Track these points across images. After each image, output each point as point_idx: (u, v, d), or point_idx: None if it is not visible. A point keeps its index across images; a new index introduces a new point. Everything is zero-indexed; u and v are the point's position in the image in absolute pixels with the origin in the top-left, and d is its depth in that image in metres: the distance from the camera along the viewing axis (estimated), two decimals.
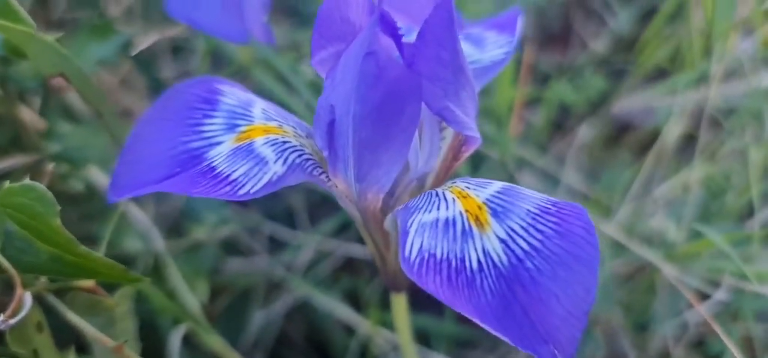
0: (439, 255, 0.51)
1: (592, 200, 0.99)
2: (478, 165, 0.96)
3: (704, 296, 0.88)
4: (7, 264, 0.58)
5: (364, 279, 1.00)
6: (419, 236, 0.51)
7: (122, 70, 0.98)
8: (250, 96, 0.61)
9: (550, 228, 0.52)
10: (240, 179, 0.55)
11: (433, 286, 0.50)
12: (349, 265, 1.02)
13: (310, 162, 0.58)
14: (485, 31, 0.67)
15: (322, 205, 1.04)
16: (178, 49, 1.00)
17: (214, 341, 0.79)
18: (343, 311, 0.94)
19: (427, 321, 0.94)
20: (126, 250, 0.80)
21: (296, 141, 0.58)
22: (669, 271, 0.85)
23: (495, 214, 0.53)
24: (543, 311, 0.50)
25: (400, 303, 0.71)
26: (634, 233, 0.89)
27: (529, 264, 0.51)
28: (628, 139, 1.13)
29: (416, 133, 0.57)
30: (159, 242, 0.80)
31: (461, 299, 0.50)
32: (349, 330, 0.96)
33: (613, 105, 1.14)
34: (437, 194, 0.54)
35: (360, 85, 0.51)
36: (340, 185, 0.57)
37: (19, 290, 0.58)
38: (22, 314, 0.57)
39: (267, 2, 0.70)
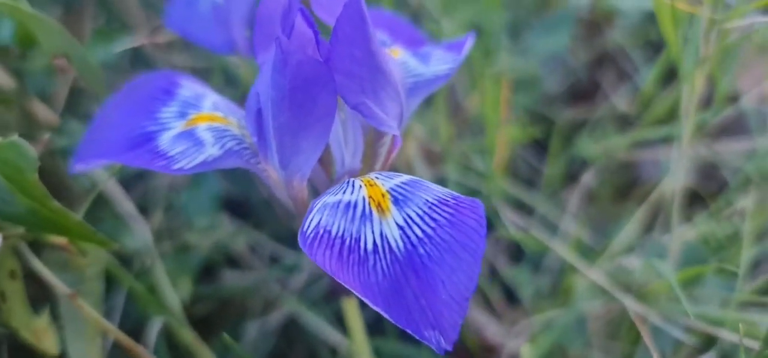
0: (333, 232, 0.56)
1: (586, 246, 1.02)
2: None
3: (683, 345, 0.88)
4: None
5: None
6: (319, 214, 0.57)
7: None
8: (206, 91, 0.69)
9: (444, 217, 0.57)
10: (176, 157, 0.62)
11: (321, 259, 0.55)
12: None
13: (247, 151, 0.65)
14: (434, 49, 0.73)
15: None
16: (196, 70, 1.10)
17: (188, 335, 0.85)
18: (330, 333, 0.99)
19: (407, 350, 0.98)
20: (122, 248, 0.89)
21: (238, 131, 0.65)
22: (641, 312, 0.86)
23: (396, 202, 0.58)
24: (432, 297, 0.55)
25: (351, 307, 0.76)
26: (618, 280, 0.91)
27: (421, 250, 0.56)
28: (636, 191, 1.15)
29: (341, 130, 0.64)
30: (148, 239, 0.87)
31: (349, 276, 0.55)
32: (335, 352, 1.00)
33: (623, 157, 1.16)
34: (348, 182, 0.60)
35: (273, 72, 0.58)
36: (271, 173, 0.64)
37: None
38: None
39: (247, 18, 0.79)
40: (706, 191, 1.11)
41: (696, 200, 1.09)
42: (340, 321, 1.02)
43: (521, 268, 1.06)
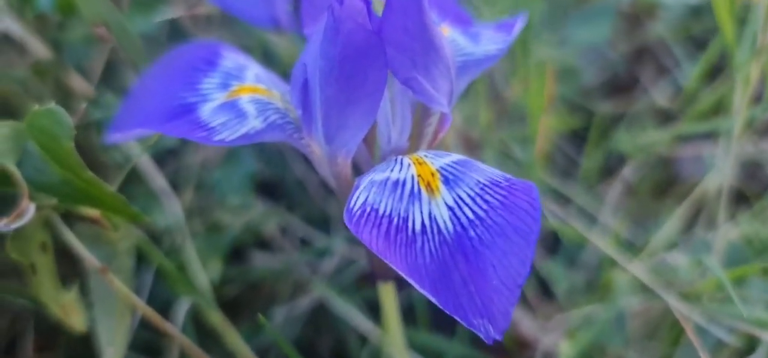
0: (381, 210, 0.53)
1: (625, 241, 0.98)
2: None
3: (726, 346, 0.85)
4: (18, 176, 0.64)
5: None
6: (366, 191, 0.54)
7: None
8: (249, 62, 0.66)
9: (496, 199, 0.54)
10: (218, 128, 0.60)
11: (368, 237, 0.52)
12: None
13: (290, 125, 0.62)
14: (483, 28, 0.70)
15: None
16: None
17: (216, 317, 0.83)
18: (360, 321, 0.96)
19: (439, 341, 0.95)
20: (154, 225, 0.87)
21: (281, 104, 0.63)
22: (684, 311, 0.83)
23: (446, 181, 0.55)
24: (482, 282, 0.52)
25: (387, 293, 0.74)
26: (660, 277, 0.88)
27: (471, 233, 0.53)
28: (677, 188, 1.12)
29: (389, 106, 0.61)
30: (179, 217, 0.85)
31: (396, 256, 0.52)
32: (364, 340, 0.98)
33: (663, 152, 1.13)
34: (396, 159, 0.57)
35: (323, 41, 0.55)
36: (315, 148, 0.61)
37: (24, 200, 0.64)
38: (24, 220, 0.63)
39: None
40: (750, 189, 1.07)
41: (739, 198, 1.06)
42: (370, 308, 1.00)
43: (556, 261, 1.03)
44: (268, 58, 0.97)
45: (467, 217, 0.53)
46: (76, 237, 0.69)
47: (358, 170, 0.63)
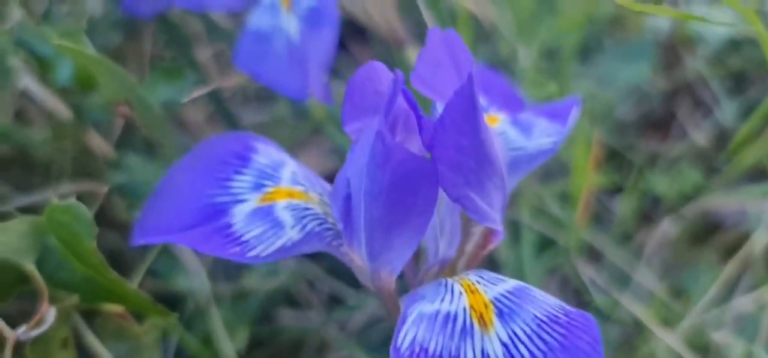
0: (431, 350, 0.48)
1: (660, 302, 0.93)
2: (542, 249, 0.92)
3: None
4: (38, 277, 0.60)
5: None
6: (415, 326, 0.49)
7: (209, 107, 1.01)
8: (283, 157, 0.61)
9: (555, 339, 0.49)
10: (252, 241, 0.55)
11: None
12: None
13: (330, 232, 0.57)
14: (536, 117, 0.65)
15: None
16: (262, 96, 1.02)
17: None
18: None
19: None
20: (175, 287, 0.82)
21: (320, 209, 0.58)
22: None
23: (501, 314, 0.50)
24: None
25: None
26: (698, 346, 0.83)
27: None
28: (716, 240, 1.06)
29: (437, 221, 0.56)
30: (204, 284, 0.81)
31: None
32: None
33: (704, 201, 1.07)
34: (445, 285, 0.52)
35: (370, 164, 0.50)
36: (357, 260, 0.56)
37: (44, 304, 0.60)
38: (44, 327, 0.59)
39: (329, 63, 0.71)
40: None
41: None
42: None
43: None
44: (297, 112, 0.91)
45: (523, 356, 0.49)
46: (98, 333, 0.65)
47: (401, 279, 0.58)
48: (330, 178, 1.10)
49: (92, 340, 0.64)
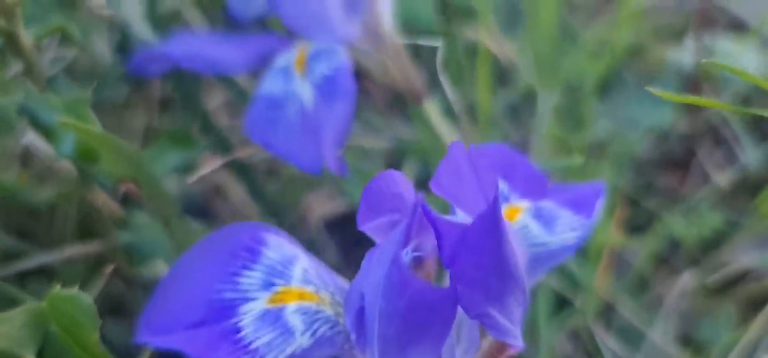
0: None
1: None
2: (560, 307, 0.89)
3: None
4: None
5: None
6: None
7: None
8: (295, 251, 0.58)
9: None
10: (261, 349, 0.52)
11: None
12: None
13: (341, 336, 0.54)
14: (559, 207, 0.61)
15: None
16: None
17: None
18: None
19: None
20: None
21: (331, 310, 0.55)
22: None
23: None
24: None
25: None
26: None
27: None
28: (739, 292, 1.02)
29: (454, 333, 0.53)
30: None
31: None
32: None
33: (726, 250, 1.04)
34: None
35: (387, 287, 0.46)
36: None
37: None
38: None
39: (344, 136, 0.67)
40: None
41: None
42: None
43: None
44: None
45: None
46: None
47: None
48: (337, 220, 1.08)
49: None
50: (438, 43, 0.69)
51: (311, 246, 1.02)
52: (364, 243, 1.11)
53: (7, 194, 0.76)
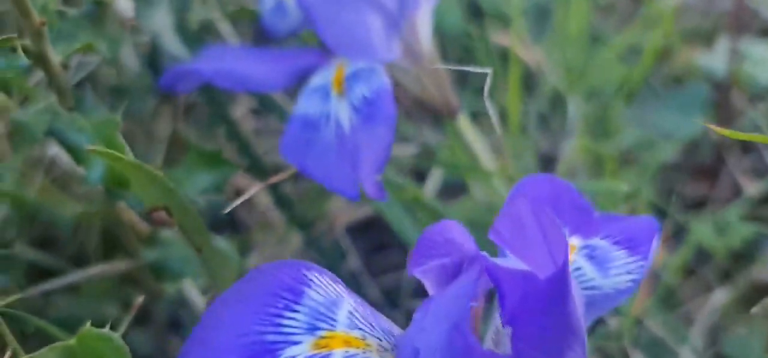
0: None
1: None
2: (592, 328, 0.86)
3: None
4: None
5: None
6: None
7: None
8: (339, 292, 0.54)
9: None
10: None
11: None
12: None
13: None
14: (613, 248, 0.58)
15: None
16: None
17: None
18: None
19: None
20: None
21: (377, 357, 0.51)
22: None
23: None
24: None
25: None
26: None
27: None
28: None
29: None
30: None
31: None
32: None
33: (757, 262, 1.00)
34: None
35: (448, 351, 0.43)
36: None
37: None
38: None
39: (383, 161, 0.64)
40: None
41: None
42: None
43: None
44: None
45: None
46: None
47: None
48: (360, 225, 1.05)
49: None
50: (487, 70, 0.65)
51: (335, 251, 1.00)
52: (386, 249, 1.08)
53: (31, 210, 0.72)
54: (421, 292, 0.99)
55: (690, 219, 1.05)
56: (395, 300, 0.99)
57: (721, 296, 0.96)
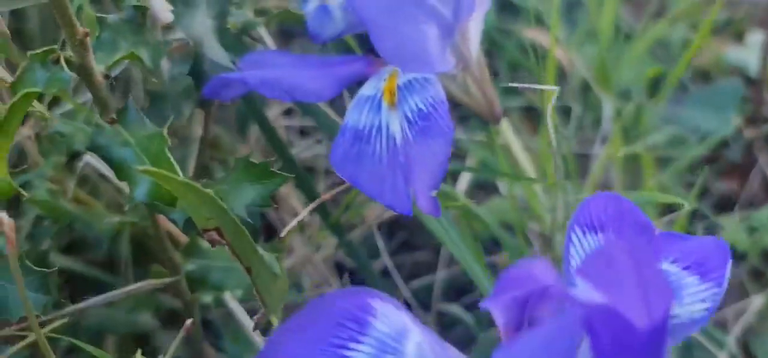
0: None
1: None
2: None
3: None
4: None
5: None
6: None
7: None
8: (405, 322, 0.52)
9: None
10: None
11: None
12: None
13: None
14: (684, 274, 0.55)
15: None
16: None
17: None
18: None
19: None
20: None
21: None
22: None
23: None
24: None
25: None
26: None
27: None
28: None
29: None
30: None
31: None
32: None
33: None
34: None
35: None
36: None
37: None
38: None
39: (440, 178, 0.61)
40: None
41: None
42: None
43: None
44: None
45: None
46: None
47: None
48: (389, 222, 1.02)
49: None
50: (554, 88, 0.62)
51: (367, 251, 0.97)
52: (413, 247, 1.04)
53: (65, 220, 0.69)
54: (452, 295, 0.97)
55: (720, 218, 1.03)
56: (427, 302, 0.97)
57: (757, 302, 0.94)
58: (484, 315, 0.93)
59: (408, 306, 0.95)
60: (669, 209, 0.97)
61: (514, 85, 0.68)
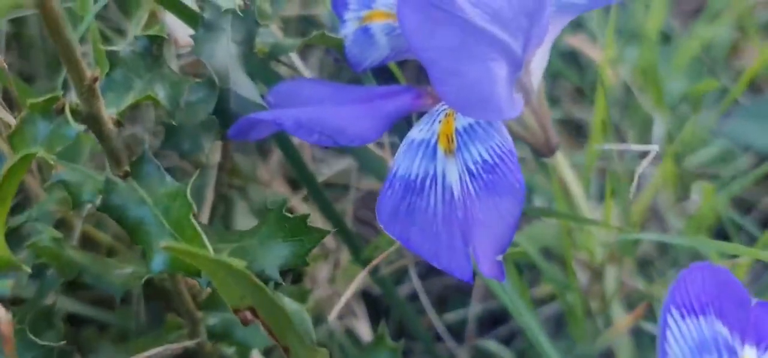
0: None
1: None
2: None
3: None
4: None
5: None
6: None
7: None
8: None
9: None
10: None
11: None
12: None
13: None
14: (739, 341, 0.47)
15: None
16: None
17: None
18: None
19: None
20: None
21: None
22: None
23: None
24: None
25: None
26: None
27: None
28: None
29: None
30: None
31: None
32: None
33: None
34: None
35: None
36: None
37: None
38: None
39: (507, 241, 0.51)
40: None
41: None
42: None
43: None
44: None
45: None
46: None
47: None
48: None
49: None
50: (654, 147, 0.52)
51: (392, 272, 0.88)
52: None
53: (72, 273, 0.60)
54: (485, 329, 0.89)
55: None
56: (459, 333, 0.88)
57: None
58: (525, 348, 0.85)
59: (438, 338, 0.87)
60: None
61: (609, 146, 0.58)
